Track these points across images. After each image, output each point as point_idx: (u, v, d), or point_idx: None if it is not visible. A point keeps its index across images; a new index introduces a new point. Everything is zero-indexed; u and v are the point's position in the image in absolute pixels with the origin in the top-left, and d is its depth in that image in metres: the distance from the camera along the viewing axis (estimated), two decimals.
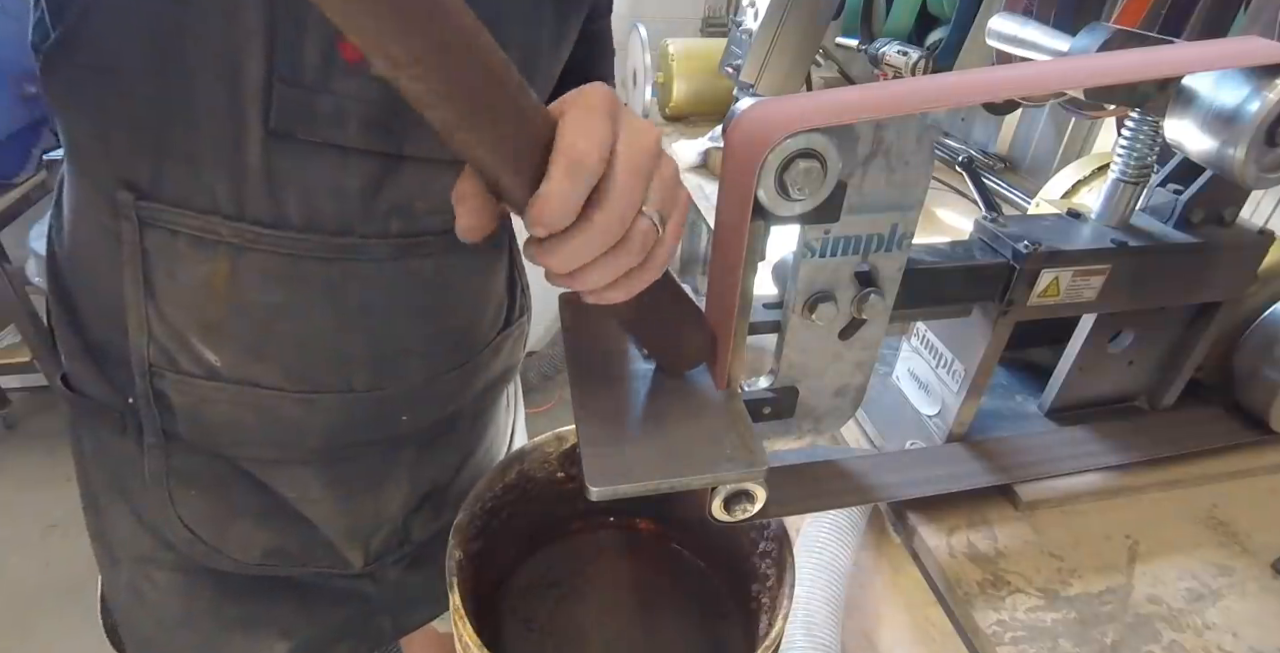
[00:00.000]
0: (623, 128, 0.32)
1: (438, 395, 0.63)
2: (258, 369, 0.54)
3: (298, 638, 0.67)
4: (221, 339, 0.52)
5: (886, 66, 1.11)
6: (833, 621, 0.64)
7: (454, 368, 0.63)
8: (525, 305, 0.73)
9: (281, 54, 0.43)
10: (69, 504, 1.78)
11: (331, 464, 0.61)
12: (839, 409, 0.52)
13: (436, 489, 0.69)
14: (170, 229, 0.48)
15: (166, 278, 0.50)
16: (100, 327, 0.55)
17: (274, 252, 0.49)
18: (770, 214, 0.39)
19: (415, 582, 0.73)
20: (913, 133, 0.40)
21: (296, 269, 0.50)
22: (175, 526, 0.59)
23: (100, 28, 0.43)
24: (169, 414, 0.55)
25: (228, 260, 0.49)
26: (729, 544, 0.59)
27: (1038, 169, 1.23)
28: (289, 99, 0.44)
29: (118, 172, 0.47)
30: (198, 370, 0.53)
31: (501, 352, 0.70)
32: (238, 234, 0.48)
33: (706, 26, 1.93)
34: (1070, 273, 0.54)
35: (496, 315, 0.68)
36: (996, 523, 0.59)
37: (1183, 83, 0.49)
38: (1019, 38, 0.65)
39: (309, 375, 0.55)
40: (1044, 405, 0.66)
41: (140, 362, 0.53)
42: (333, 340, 0.55)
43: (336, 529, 0.64)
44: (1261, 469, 0.64)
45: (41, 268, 1.74)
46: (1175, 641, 0.50)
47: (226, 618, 0.65)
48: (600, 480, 0.38)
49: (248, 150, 0.45)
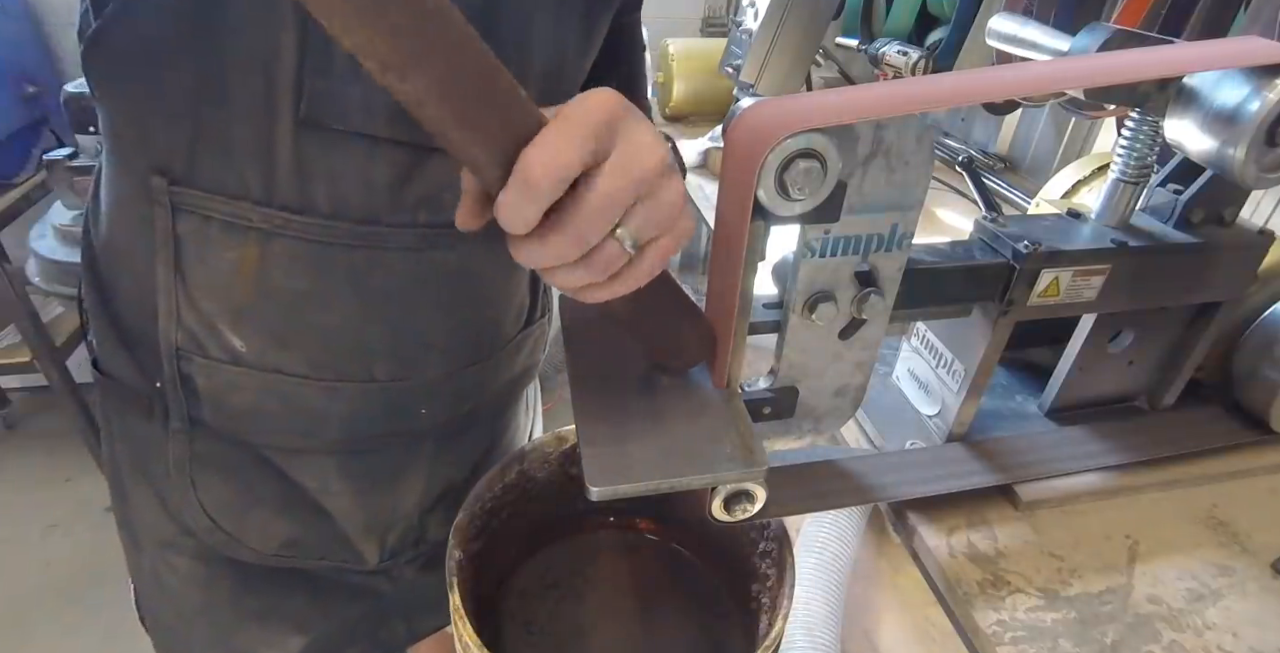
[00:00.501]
0: (621, 142, 0.31)
1: (457, 391, 0.64)
2: (283, 356, 0.55)
3: (312, 633, 0.68)
4: (248, 325, 0.54)
5: (886, 66, 1.11)
6: (833, 621, 0.64)
7: (474, 363, 0.63)
8: (547, 306, 0.74)
9: (314, 46, 0.44)
10: (69, 504, 1.79)
11: (351, 456, 0.62)
12: (839, 409, 0.52)
13: (452, 488, 0.70)
14: (202, 214, 0.49)
15: (197, 263, 0.51)
16: (133, 313, 0.56)
17: (301, 238, 0.50)
18: (770, 214, 0.39)
19: (430, 584, 0.73)
20: (913, 133, 0.40)
21: (323, 256, 0.51)
22: (196, 512, 0.61)
23: (140, 17, 0.44)
24: (195, 399, 0.57)
25: (257, 246, 0.50)
26: (729, 544, 0.59)
27: (1038, 169, 1.23)
28: (320, 90, 0.45)
29: (153, 158, 0.49)
30: (224, 356, 0.55)
31: (522, 350, 0.70)
32: (267, 220, 0.49)
33: (706, 26, 1.93)
34: (1070, 273, 0.54)
35: (519, 314, 0.68)
36: (996, 523, 0.59)
37: (1183, 83, 0.49)
38: (1019, 38, 0.65)
39: (332, 364, 0.56)
40: (1044, 405, 0.66)
41: (169, 346, 0.54)
42: (356, 329, 0.55)
43: (354, 523, 0.65)
44: (1261, 469, 0.64)
45: (40, 268, 1.74)
46: (1175, 641, 0.50)
47: (244, 610, 0.66)
48: (600, 481, 0.38)
49: (279, 138, 0.47)
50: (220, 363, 0.55)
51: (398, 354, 0.58)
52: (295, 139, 0.47)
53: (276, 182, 0.48)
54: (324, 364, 0.56)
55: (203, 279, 0.52)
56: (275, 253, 0.51)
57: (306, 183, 0.49)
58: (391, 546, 0.68)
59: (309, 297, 0.53)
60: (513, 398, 0.75)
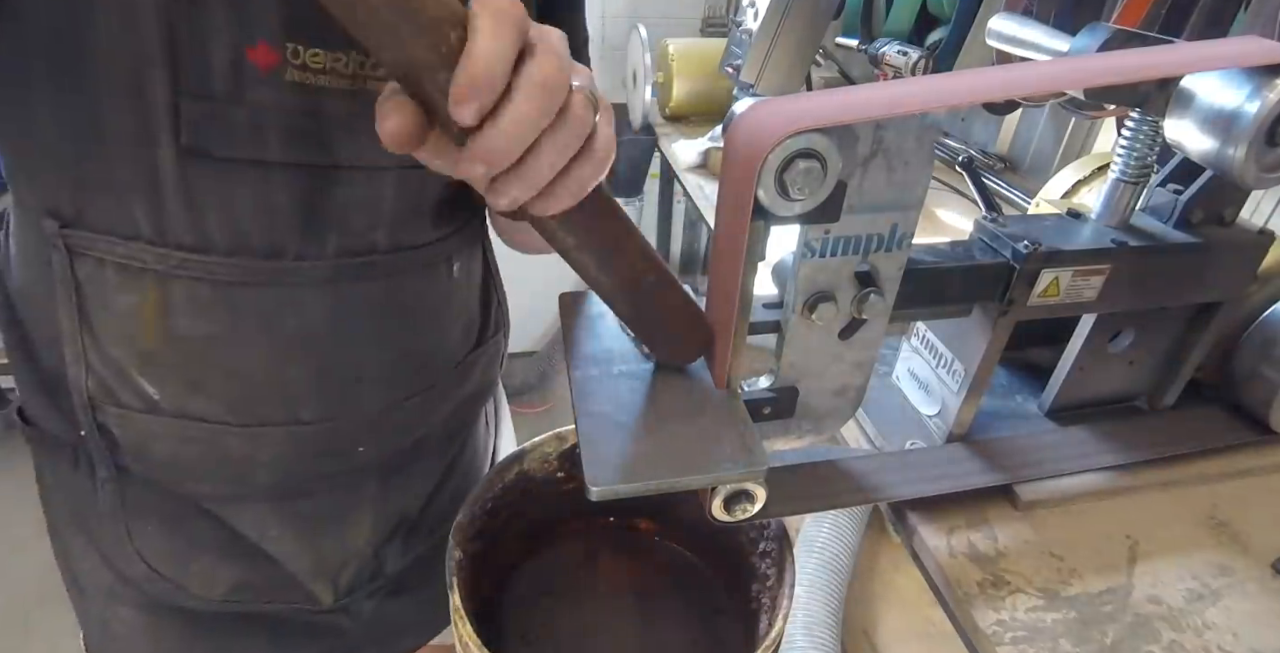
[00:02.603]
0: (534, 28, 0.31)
1: (398, 423, 0.60)
2: (198, 402, 0.51)
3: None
4: (158, 371, 0.50)
5: (886, 66, 1.11)
6: (833, 621, 0.64)
7: (416, 394, 0.59)
8: (501, 321, 0.69)
9: (185, 65, 0.40)
10: None
11: (287, 500, 0.58)
12: (839, 409, 0.52)
13: (406, 519, 0.66)
14: (97, 258, 0.46)
15: (100, 309, 0.48)
16: (51, 359, 0.52)
17: (202, 278, 0.47)
18: (770, 214, 0.39)
19: (396, 611, 0.70)
20: (913, 133, 0.40)
21: (227, 296, 0.48)
22: (134, 561, 0.57)
23: (2, 49, 0.41)
24: (116, 449, 0.53)
25: (156, 289, 0.47)
26: (729, 544, 0.59)
27: (1038, 169, 1.23)
28: (199, 114, 0.42)
29: (42, 199, 0.46)
30: (138, 404, 0.51)
31: (473, 372, 0.65)
32: (162, 260, 0.46)
33: (706, 26, 1.93)
34: (1070, 273, 0.54)
35: (466, 335, 0.64)
36: (996, 523, 0.59)
37: (1183, 83, 0.49)
38: (1019, 38, 0.65)
39: (252, 408, 0.52)
40: (1044, 405, 0.66)
41: (80, 394, 0.50)
42: (275, 371, 0.52)
43: (301, 565, 0.61)
44: (1261, 469, 0.64)
45: None
46: (1175, 641, 0.50)
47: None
48: (600, 481, 0.38)
49: (163, 172, 0.43)
50: (135, 412, 0.51)
51: (324, 394, 0.54)
52: (180, 171, 0.43)
53: (166, 219, 0.44)
54: (243, 409, 0.52)
55: (107, 325, 0.48)
56: (176, 295, 0.47)
57: (200, 218, 0.45)
58: (346, 584, 0.64)
59: (218, 340, 0.49)
60: (468, 420, 0.70)
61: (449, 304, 0.60)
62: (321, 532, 0.61)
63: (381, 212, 0.50)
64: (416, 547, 0.68)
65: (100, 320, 0.48)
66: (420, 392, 0.60)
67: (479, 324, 0.65)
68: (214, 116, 0.42)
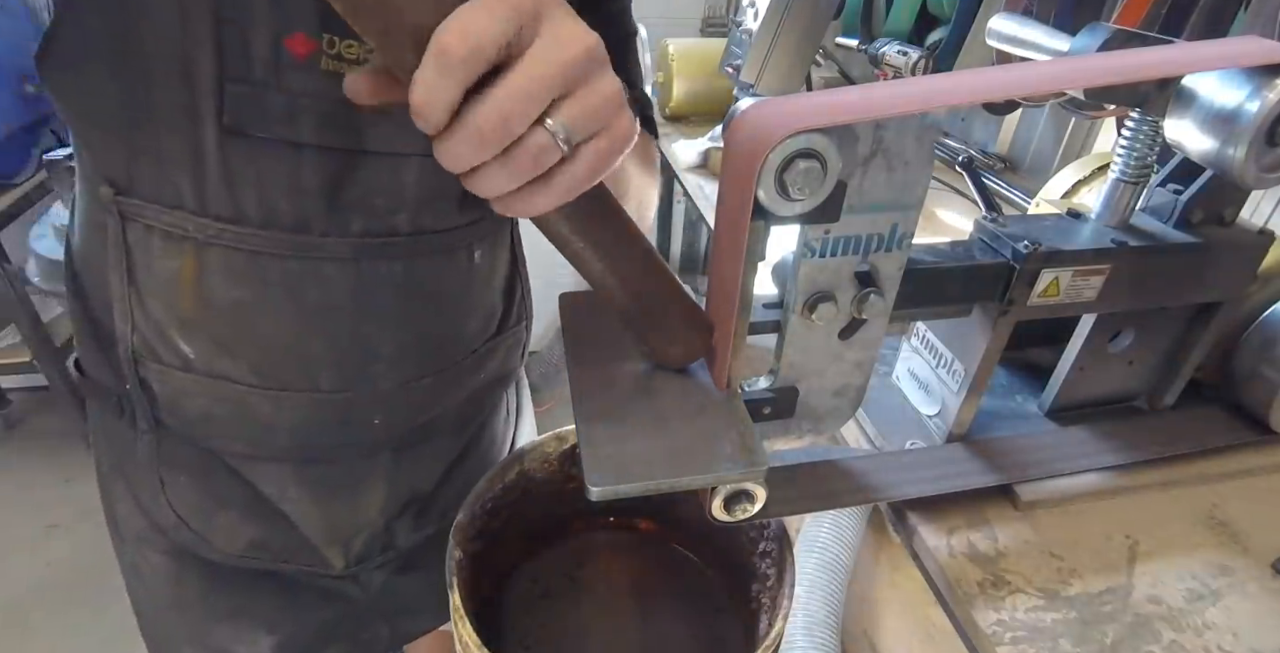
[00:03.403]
0: (548, 27, 0.29)
1: (412, 401, 0.62)
2: (228, 364, 0.55)
3: (282, 633, 0.68)
4: (194, 333, 0.54)
5: (886, 66, 1.11)
6: (833, 621, 0.64)
7: (429, 375, 0.62)
8: (524, 312, 0.71)
9: (230, 52, 0.44)
10: (69, 504, 1.79)
11: (305, 464, 0.62)
12: (839, 409, 0.52)
13: (418, 496, 0.69)
14: (146, 224, 0.50)
15: (145, 272, 0.52)
16: (105, 316, 0.57)
17: (235, 248, 0.51)
18: (770, 214, 0.39)
19: (408, 588, 0.72)
20: (913, 133, 0.40)
21: (257, 266, 0.52)
22: (164, 510, 0.62)
23: (68, 32, 0.46)
24: (155, 403, 0.58)
25: (194, 256, 0.51)
26: (729, 544, 0.59)
27: (1038, 169, 1.23)
28: (240, 96, 0.46)
29: (100, 168, 0.50)
30: (175, 362, 0.55)
31: (491, 359, 0.68)
32: (201, 229, 0.50)
33: (706, 26, 1.93)
34: (1070, 273, 0.54)
35: (486, 322, 0.66)
36: (996, 523, 0.59)
37: (1183, 83, 0.49)
38: (1019, 38, 0.65)
39: (276, 373, 0.56)
40: (1044, 405, 0.66)
41: (126, 349, 0.55)
42: (297, 340, 0.55)
43: (315, 529, 0.64)
44: (1261, 469, 0.64)
45: (40, 268, 1.74)
46: (1175, 641, 0.50)
47: (213, 608, 0.67)
48: (600, 481, 0.38)
49: (206, 148, 0.47)
50: (172, 369, 0.55)
51: (342, 365, 0.57)
52: (221, 148, 0.47)
53: (208, 191, 0.49)
54: (268, 373, 0.56)
55: (152, 287, 0.53)
56: (212, 263, 0.51)
57: (236, 192, 0.49)
58: (357, 552, 0.67)
59: (248, 306, 0.53)
60: (484, 406, 0.72)
61: (469, 290, 0.62)
62: (336, 498, 0.64)
63: (404, 196, 0.53)
64: (427, 526, 0.70)
65: (145, 283, 0.53)
66: (434, 373, 0.62)
67: (501, 312, 0.68)
68: (253, 100, 0.46)
